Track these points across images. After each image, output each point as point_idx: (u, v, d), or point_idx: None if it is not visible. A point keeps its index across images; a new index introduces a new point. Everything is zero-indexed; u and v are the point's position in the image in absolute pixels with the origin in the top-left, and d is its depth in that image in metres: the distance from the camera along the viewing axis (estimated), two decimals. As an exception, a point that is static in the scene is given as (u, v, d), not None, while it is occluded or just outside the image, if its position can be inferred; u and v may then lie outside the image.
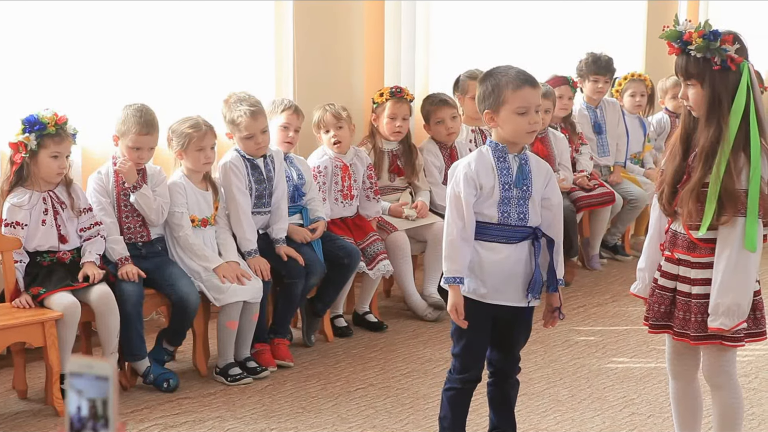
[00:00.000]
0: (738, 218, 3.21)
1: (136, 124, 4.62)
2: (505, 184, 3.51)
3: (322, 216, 5.31)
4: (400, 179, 5.94)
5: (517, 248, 3.52)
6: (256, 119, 4.94)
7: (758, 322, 3.35)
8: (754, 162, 3.19)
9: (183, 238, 4.76)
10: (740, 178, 3.21)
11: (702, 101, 3.28)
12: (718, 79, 3.24)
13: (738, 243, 3.22)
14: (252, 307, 4.82)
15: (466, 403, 3.71)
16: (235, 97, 5.01)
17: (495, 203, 3.50)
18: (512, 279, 3.52)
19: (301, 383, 4.77)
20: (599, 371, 4.92)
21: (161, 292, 4.70)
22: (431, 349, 5.23)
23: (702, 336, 3.33)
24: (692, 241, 3.33)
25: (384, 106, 5.84)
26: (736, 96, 3.23)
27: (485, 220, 3.51)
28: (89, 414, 1.65)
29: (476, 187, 3.50)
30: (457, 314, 3.52)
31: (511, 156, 3.53)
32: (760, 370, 4.89)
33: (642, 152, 7.45)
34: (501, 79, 3.50)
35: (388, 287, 6.17)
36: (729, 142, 3.22)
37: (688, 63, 3.29)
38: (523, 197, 3.52)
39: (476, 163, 3.53)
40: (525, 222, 3.52)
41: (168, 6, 5.35)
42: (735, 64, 3.23)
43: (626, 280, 6.59)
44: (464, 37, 7.04)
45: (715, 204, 3.22)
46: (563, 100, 6.74)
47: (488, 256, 3.51)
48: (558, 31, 7.76)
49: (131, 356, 4.60)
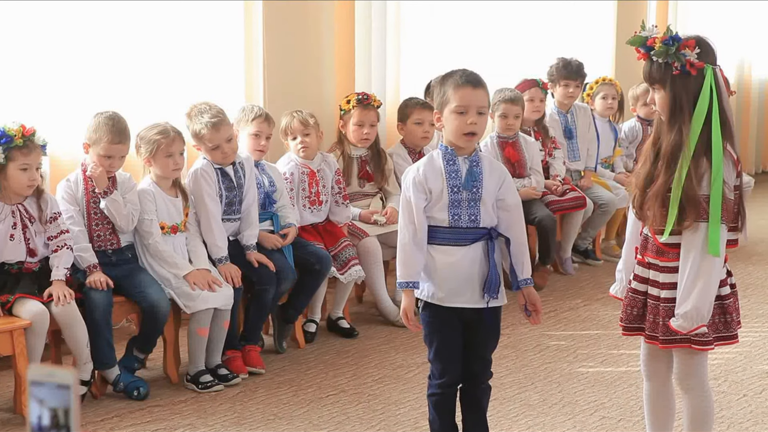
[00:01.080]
0: (700, 223, 3.22)
1: (108, 132, 4.59)
2: (453, 187, 3.51)
3: (292, 222, 5.30)
4: (370, 185, 5.94)
5: (470, 250, 3.52)
6: (218, 130, 4.92)
7: (729, 325, 3.36)
8: (716, 167, 3.20)
9: (153, 245, 4.74)
10: (701, 183, 3.22)
11: (666, 106, 3.31)
12: (678, 83, 3.26)
13: (701, 248, 3.23)
14: (223, 314, 4.81)
15: (452, 406, 3.71)
16: (196, 109, 4.98)
17: (445, 206, 3.51)
18: (468, 280, 3.52)
19: (272, 390, 4.76)
20: (570, 375, 4.93)
21: (131, 300, 4.67)
22: (403, 354, 5.23)
23: (671, 339, 3.35)
24: (660, 245, 3.35)
25: (351, 114, 5.85)
26: (699, 101, 3.25)
27: (436, 223, 3.52)
28: (51, 423, 1.63)
29: (425, 191, 3.51)
30: (408, 319, 3.53)
31: (461, 158, 3.53)
32: (730, 373, 4.92)
33: (612, 157, 7.49)
34: (447, 80, 3.54)
35: (360, 293, 6.16)
36: (690, 147, 3.23)
37: (652, 68, 3.32)
38: (473, 199, 3.52)
39: (424, 167, 3.54)
40: (477, 224, 3.52)
41: (135, 13, 5.33)
42: (696, 68, 3.24)
43: (597, 285, 6.62)
44: (435, 41, 7.08)
45: (677, 209, 3.24)
46: (534, 103, 6.76)
47: (442, 259, 3.52)
48: (529, 36, 7.82)
49: (100, 364, 4.57)
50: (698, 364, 3.42)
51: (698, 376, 3.44)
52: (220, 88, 5.49)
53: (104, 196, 4.61)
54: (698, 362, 3.42)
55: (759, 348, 5.29)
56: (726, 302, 3.36)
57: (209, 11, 5.67)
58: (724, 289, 3.36)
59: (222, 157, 4.96)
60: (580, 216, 6.88)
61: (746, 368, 4.98)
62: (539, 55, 7.74)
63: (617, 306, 5.98)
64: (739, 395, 4.65)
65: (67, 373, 1.62)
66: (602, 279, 6.73)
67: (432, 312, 3.58)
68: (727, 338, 3.38)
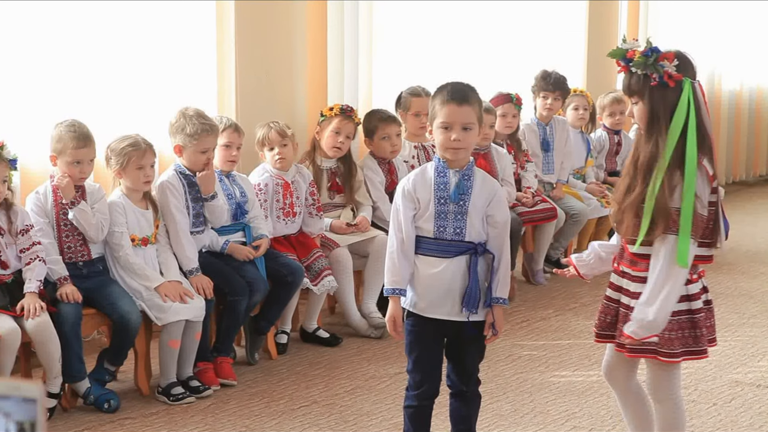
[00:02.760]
0: (669, 235, 3.24)
1: (71, 139, 4.58)
2: (440, 199, 3.55)
3: (265, 234, 5.29)
4: (339, 196, 5.95)
5: (453, 263, 3.55)
6: (215, 136, 5.03)
7: (698, 340, 3.37)
8: (688, 180, 3.22)
9: (123, 257, 4.72)
10: (673, 195, 3.24)
11: (644, 117, 3.34)
12: (656, 95, 3.30)
13: (668, 259, 3.24)
14: (194, 326, 4.79)
15: (427, 420, 3.72)
16: (193, 110, 5.01)
17: (431, 217, 3.55)
18: (450, 293, 3.55)
19: (244, 401, 4.75)
20: (542, 385, 4.95)
21: (102, 312, 4.65)
22: (375, 365, 5.23)
23: (638, 349, 3.37)
24: (631, 255, 3.38)
25: (331, 121, 5.85)
26: (675, 113, 3.28)
27: (422, 233, 3.57)
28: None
29: (413, 200, 3.57)
30: (395, 326, 3.57)
31: (452, 171, 3.57)
32: (700, 382, 4.95)
33: (584, 167, 7.53)
34: (438, 94, 3.60)
35: (333, 304, 6.16)
36: (665, 159, 3.26)
37: (631, 80, 3.35)
38: (460, 212, 3.55)
39: (415, 177, 3.61)
40: (462, 237, 3.55)
41: (105, 22, 5.29)
42: (674, 81, 3.27)
43: (569, 295, 6.65)
44: (408, 53, 7.09)
45: (649, 219, 3.26)
46: (507, 118, 6.78)
47: (424, 270, 3.56)
48: (501, 48, 7.85)
49: (70, 377, 4.54)
50: (668, 376, 3.44)
51: (669, 389, 3.45)
52: (193, 100, 5.48)
53: (72, 207, 4.59)
54: (668, 374, 3.44)
55: (729, 357, 5.33)
56: (696, 316, 3.36)
57: (181, 23, 5.65)
58: (696, 303, 3.37)
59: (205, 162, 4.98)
60: (552, 227, 6.91)
61: (716, 377, 5.02)
62: (512, 68, 7.79)
63: (588, 316, 6.07)
64: (709, 404, 4.69)
65: (33, 387, 1.61)
66: (574, 289, 6.77)
67: (414, 322, 3.61)
68: (695, 353, 3.38)
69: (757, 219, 9.27)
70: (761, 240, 8.36)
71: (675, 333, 3.34)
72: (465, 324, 3.59)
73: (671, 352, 3.33)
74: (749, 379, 5.02)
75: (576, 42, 8.49)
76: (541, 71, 7.14)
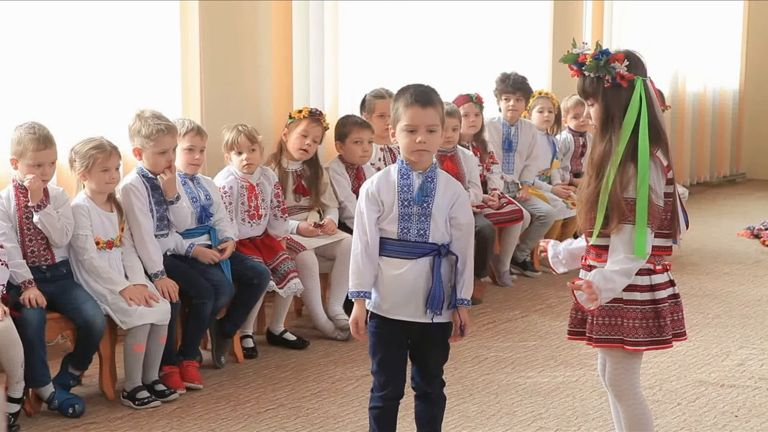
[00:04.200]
0: (625, 225, 3.30)
1: (32, 141, 4.54)
2: (404, 201, 3.56)
3: (230, 236, 5.27)
4: (305, 199, 5.94)
5: (417, 264, 3.56)
6: (173, 137, 4.99)
7: (662, 329, 3.40)
8: (642, 172, 3.29)
9: (88, 261, 4.69)
10: (628, 187, 3.31)
11: (599, 118, 3.41)
12: (610, 96, 3.37)
13: (625, 249, 3.30)
14: (160, 330, 4.77)
15: (393, 421, 3.72)
16: (149, 112, 4.98)
17: (395, 219, 3.57)
18: (413, 294, 3.57)
19: (210, 405, 4.73)
20: (508, 386, 4.97)
21: (66, 316, 4.62)
22: (342, 368, 5.23)
23: (603, 339, 3.41)
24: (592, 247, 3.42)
25: (299, 123, 5.84)
26: (628, 110, 3.35)
27: (386, 235, 3.58)
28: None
29: (378, 203, 3.58)
30: (357, 328, 3.58)
31: (415, 173, 3.59)
32: (664, 382, 4.98)
33: (550, 169, 7.56)
34: (401, 96, 3.61)
35: (299, 306, 6.15)
36: (618, 154, 3.33)
37: (584, 83, 3.44)
38: (423, 214, 3.57)
39: (379, 180, 3.62)
40: (425, 238, 3.57)
41: (66, 24, 5.25)
42: (626, 80, 3.34)
43: (536, 296, 6.68)
44: (373, 52, 7.09)
45: (603, 212, 3.32)
46: (469, 118, 6.80)
47: (389, 271, 3.57)
48: (467, 50, 7.87)
49: (34, 382, 4.50)
50: (629, 368, 3.47)
51: (628, 382, 3.47)
52: (157, 99, 5.46)
53: (38, 210, 4.55)
54: (630, 366, 3.47)
55: (693, 357, 5.37)
56: (660, 306, 3.40)
57: (145, 25, 5.62)
58: (660, 293, 3.41)
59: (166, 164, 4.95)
60: (518, 228, 6.94)
61: (681, 377, 5.06)
62: (477, 70, 7.82)
63: (555, 317, 6.10)
64: (674, 404, 4.72)
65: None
66: (540, 290, 6.80)
67: (378, 323, 3.62)
68: (659, 342, 3.42)
69: (721, 219, 9.35)
70: (725, 240, 8.44)
71: (639, 322, 3.39)
72: (429, 325, 3.60)
73: (636, 341, 3.38)
74: (713, 379, 5.06)
75: (541, 44, 8.54)
76: (500, 74, 7.20)
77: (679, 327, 3.47)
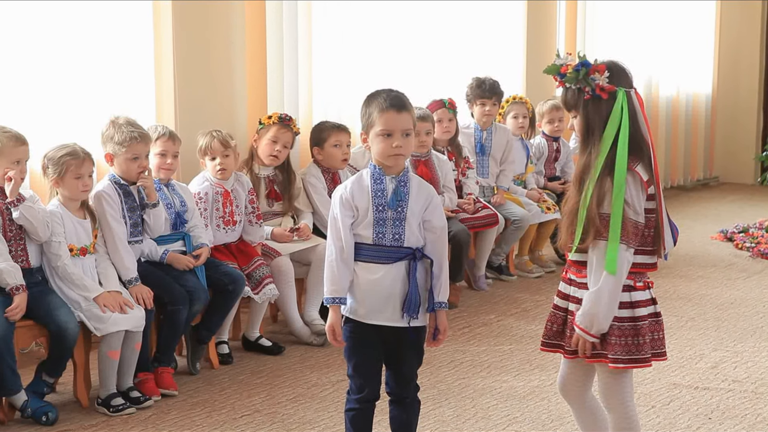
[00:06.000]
0: (600, 241, 3.29)
1: (9, 139, 4.54)
2: (379, 206, 3.57)
3: (205, 242, 5.26)
4: (278, 204, 5.93)
5: (392, 268, 3.57)
6: (146, 144, 4.97)
7: (640, 347, 3.38)
8: (617, 187, 3.26)
9: (61, 267, 4.66)
10: (603, 202, 3.29)
11: (580, 130, 3.40)
12: (591, 108, 3.35)
13: (600, 265, 3.30)
14: (134, 336, 4.75)
15: (369, 423, 3.73)
16: (124, 119, 4.96)
17: (370, 224, 3.57)
18: (390, 299, 3.58)
19: (185, 412, 4.71)
20: (484, 390, 4.98)
21: (39, 323, 4.59)
22: (318, 373, 5.22)
23: (595, 354, 3.39)
24: (571, 262, 3.42)
25: (269, 129, 5.84)
26: (608, 123, 3.32)
27: (361, 240, 3.59)
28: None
29: (352, 208, 3.58)
30: (334, 335, 3.58)
31: (388, 177, 3.60)
32: (639, 385, 4.99)
33: (524, 174, 7.58)
34: (373, 102, 3.61)
35: (275, 312, 6.13)
36: (597, 168, 3.31)
37: (566, 95, 3.42)
38: (398, 218, 3.58)
39: (352, 185, 3.62)
40: (401, 243, 3.58)
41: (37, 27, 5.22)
42: (606, 92, 3.31)
43: (511, 300, 6.69)
44: (347, 55, 7.07)
45: (582, 227, 3.31)
46: (443, 123, 6.80)
47: (364, 276, 3.58)
48: (440, 54, 7.88)
49: (5, 391, 4.47)
50: (619, 383, 3.45)
51: (619, 396, 3.46)
52: (131, 107, 5.43)
53: (16, 206, 4.52)
54: (619, 381, 3.45)
55: (668, 361, 5.38)
56: (639, 324, 3.39)
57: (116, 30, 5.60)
58: (640, 311, 3.40)
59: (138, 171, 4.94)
60: (494, 233, 6.95)
61: (655, 380, 5.08)
62: (451, 75, 7.81)
63: (530, 321, 6.12)
64: (648, 407, 4.74)
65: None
66: (515, 294, 6.81)
67: (353, 327, 3.63)
68: (638, 361, 3.39)
69: (695, 223, 9.41)
70: (699, 244, 8.49)
71: (618, 339, 3.37)
72: (405, 329, 3.60)
73: (615, 358, 3.36)
74: (687, 382, 5.09)
75: (515, 49, 8.54)
76: (474, 79, 7.18)
77: (659, 347, 3.45)
